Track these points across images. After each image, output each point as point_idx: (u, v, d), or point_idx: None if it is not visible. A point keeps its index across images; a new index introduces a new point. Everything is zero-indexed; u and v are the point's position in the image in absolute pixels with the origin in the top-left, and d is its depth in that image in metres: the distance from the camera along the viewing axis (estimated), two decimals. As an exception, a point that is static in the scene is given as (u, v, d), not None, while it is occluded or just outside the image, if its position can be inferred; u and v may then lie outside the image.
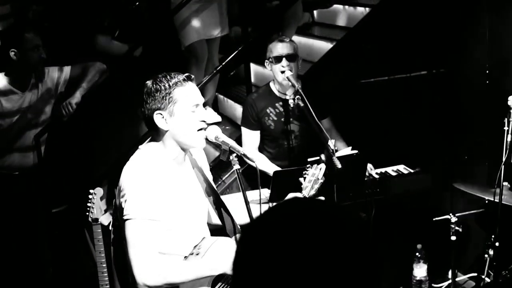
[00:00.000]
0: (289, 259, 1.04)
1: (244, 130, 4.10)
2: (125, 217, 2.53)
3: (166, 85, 2.58)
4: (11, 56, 3.88)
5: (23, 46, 3.88)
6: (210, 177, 2.95)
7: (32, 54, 3.90)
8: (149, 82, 2.62)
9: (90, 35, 4.93)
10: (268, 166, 3.97)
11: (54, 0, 5.43)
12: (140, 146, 2.71)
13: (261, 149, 4.13)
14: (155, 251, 2.53)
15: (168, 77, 2.61)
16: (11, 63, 3.93)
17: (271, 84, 4.08)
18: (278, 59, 3.91)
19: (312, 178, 3.03)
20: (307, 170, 3.08)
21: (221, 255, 2.56)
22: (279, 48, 3.94)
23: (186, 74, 2.65)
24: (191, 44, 4.83)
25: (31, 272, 4.29)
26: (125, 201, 2.53)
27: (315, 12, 5.85)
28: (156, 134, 2.67)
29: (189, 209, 2.72)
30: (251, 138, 4.08)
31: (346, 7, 5.29)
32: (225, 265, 2.53)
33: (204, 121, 2.67)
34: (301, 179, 3.06)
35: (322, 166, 3.08)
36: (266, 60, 3.99)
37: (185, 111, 2.61)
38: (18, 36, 3.90)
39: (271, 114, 4.02)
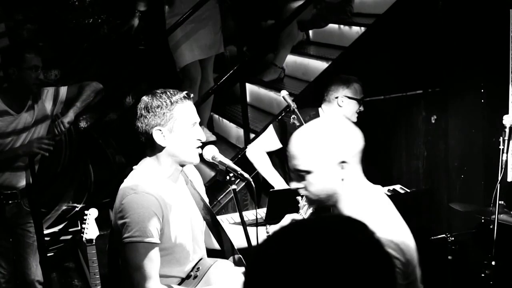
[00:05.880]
0: (300, 284, 1.03)
1: (272, 131, 4.04)
2: (124, 240, 2.51)
3: (168, 101, 2.57)
4: (10, 73, 3.87)
5: (22, 65, 3.86)
6: (205, 198, 2.94)
7: (30, 73, 3.88)
8: (147, 98, 2.60)
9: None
10: (271, 175, 3.94)
11: (48, 19, 5.45)
12: (134, 167, 2.70)
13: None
14: (157, 273, 2.52)
15: (169, 93, 2.60)
16: (8, 82, 3.92)
17: (322, 113, 4.01)
18: (360, 102, 3.97)
19: None
20: None
21: (220, 280, 2.54)
22: (360, 91, 3.98)
23: (186, 92, 2.65)
24: (185, 66, 4.84)
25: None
26: (123, 223, 2.52)
27: (310, 31, 5.87)
28: (150, 150, 2.65)
29: (186, 228, 2.70)
30: (271, 141, 4.03)
31: (341, 26, 5.32)
32: None
33: (199, 140, 2.66)
34: (298, 198, 3.02)
35: None
36: (345, 96, 3.93)
37: (184, 128, 2.60)
38: (19, 55, 3.89)
39: None
